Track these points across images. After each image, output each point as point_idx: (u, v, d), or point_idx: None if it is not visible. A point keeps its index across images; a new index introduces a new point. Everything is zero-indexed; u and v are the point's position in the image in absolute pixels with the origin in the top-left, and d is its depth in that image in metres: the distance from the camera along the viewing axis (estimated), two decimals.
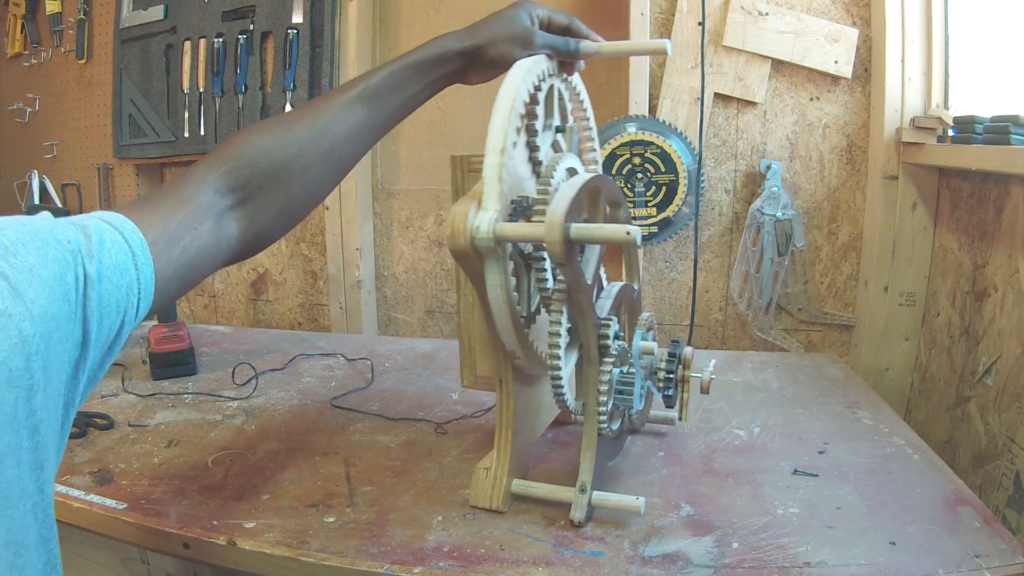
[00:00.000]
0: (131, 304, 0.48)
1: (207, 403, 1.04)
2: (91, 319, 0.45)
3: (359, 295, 1.50)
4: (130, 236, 0.49)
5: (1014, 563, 0.62)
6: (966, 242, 1.07)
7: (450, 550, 0.66)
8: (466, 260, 0.64)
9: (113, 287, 0.46)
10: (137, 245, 0.49)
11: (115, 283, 0.47)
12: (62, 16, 1.62)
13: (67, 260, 0.44)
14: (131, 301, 0.48)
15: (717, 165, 1.31)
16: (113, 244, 0.47)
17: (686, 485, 0.78)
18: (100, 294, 0.45)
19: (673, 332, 1.38)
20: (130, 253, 0.48)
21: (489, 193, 0.63)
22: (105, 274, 0.46)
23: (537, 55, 0.71)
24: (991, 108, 0.99)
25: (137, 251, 0.49)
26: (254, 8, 1.42)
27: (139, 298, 0.49)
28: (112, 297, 0.46)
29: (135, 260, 0.49)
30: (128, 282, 0.48)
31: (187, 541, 0.69)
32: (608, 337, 0.69)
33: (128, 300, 0.48)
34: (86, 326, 0.45)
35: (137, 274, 0.49)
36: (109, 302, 0.46)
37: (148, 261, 0.50)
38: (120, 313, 0.48)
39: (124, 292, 0.47)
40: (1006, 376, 0.92)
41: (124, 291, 0.47)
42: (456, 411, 1.00)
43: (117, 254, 0.47)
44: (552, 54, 0.72)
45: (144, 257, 0.49)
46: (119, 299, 0.47)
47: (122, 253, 0.48)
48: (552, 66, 0.73)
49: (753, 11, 1.22)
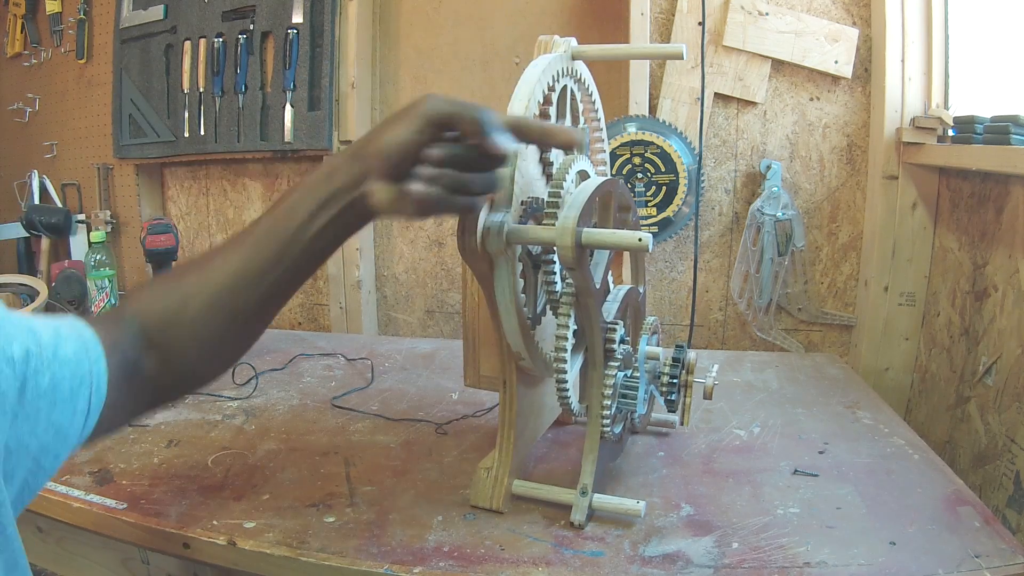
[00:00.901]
0: (83, 396, 0.49)
1: (207, 403, 1.04)
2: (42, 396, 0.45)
3: (359, 295, 1.50)
4: (83, 331, 0.50)
5: (1014, 563, 0.62)
6: (966, 242, 1.07)
7: (450, 550, 0.66)
8: (475, 261, 0.63)
9: (69, 374, 0.47)
10: (90, 340, 0.50)
11: (71, 371, 0.48)
12: (62, 16, 1.62)
13: (13, 333, 0.45)
14: (83, 393, 0.49)
15: (717, 165, 1.31)
16: (68, 336, 0.49)
17: (686, 485, 0.78)
18: (55, 378, 0.46)
19: (673, 332, 1.38)
20: (84, 346, 0.49)
21: (500, 194, 0.63)
22: (61, 360, 0.47)
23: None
24: (991, 108, 0.99)
25: (90, 345, 0.50)
26: (254, 8, 1.42)
27: (91, 392, 0.49)
28: (67, 384, 0.47)
29: (88, 354, 0.49)
30: (82, 373, 0.48)
31: (187, 541, 0.69)
32: (614, 341, 0.69)
33: (80, 391, 0.48)
34: (33, 403, 0.45)
35: (91, 367, 0.49)
36: (63, 388, 0.47)
37: (100, 356, 0.50)
38: (73, 402, 0.48)
39: (78, 382, 0.48)
40: (1006, 376, 0.92)
41: (78, 380, 0.48)
42: (456, 411, 1.00)
43: (73, 345, 0.49)
44: None
45: (96, 351, 0.50)
46: (73, 387, 0.48)
47: (77, 345, 0.49)
48: (567, 66, 0.73)
49: (753, 11, 1.22)
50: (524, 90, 0.66)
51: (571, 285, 0.66)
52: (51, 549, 0.87)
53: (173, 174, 1.65)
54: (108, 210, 1.65)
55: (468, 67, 1.43)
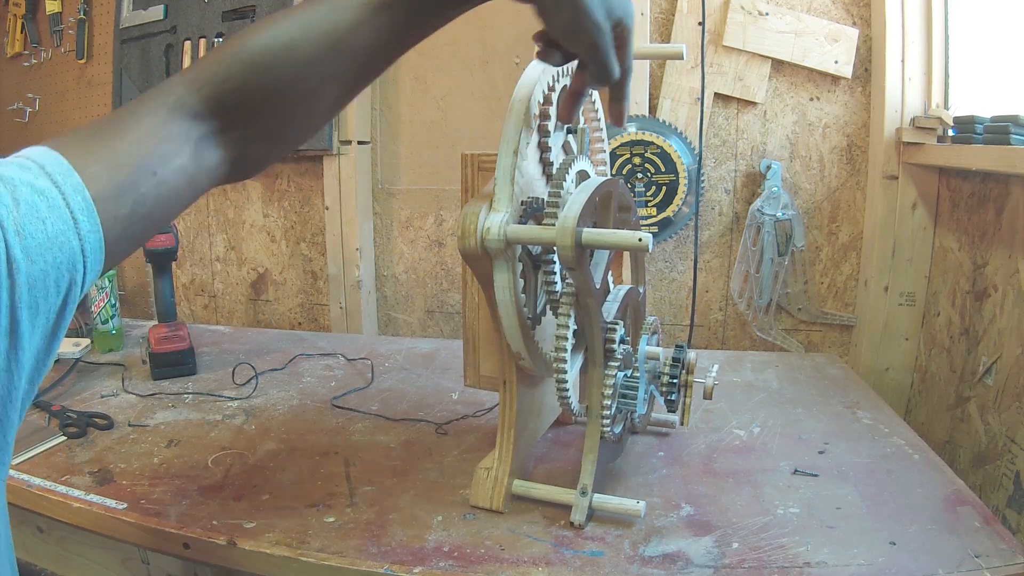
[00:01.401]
0: (75, 280, 0.41)
1: (207, 403, 1.04)
2: (20, 306, 0.38)
3: (359, 295, 1.50)
4: (72, 195, 0.41)
5: (1014, 563, 0.62)
6: (966, 242, 1.07)
7: (450, 550, 0.66)
8: (475, 261, 0.64)
9: (49, 266, 0.39)
10: (80, 208, 0.41)
11: (51, 260, 0.39)
12: (62, 16, 1.62)
13: None
14: (74, 277, 0.41)
15: (717, 165, 1.31)
16: (51, 210, 0.39)
17: (686, 485, 0.78)
18: (31, 276, 0.38)
19: (673, 332, 1.38)
20: (71, 220, 0.40)
21: (501, 194, 0.63)
22: (37, 252, 0.39)
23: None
24: (991, 108, 0.99)
25: (80, 216, 0.41)
26: (254, 8, 1.42)
27: (84, 271, 0.42)
28: (49, 277, 0.39)
29: (77, 228, 0.41)
30: (69, 256, 0.40)
31: (187, 541, 0.69)
32: (614, 341, 0.69)
33: (71, 276, 0.41)
34: (14, 314, 0.38)
35: (81, 244, 0.41)
36: (45, 283, 0.39)
37: (95, 226, 0.42)
38: (60, 292, 0.41)
39: (66, 268, 0.40)
40: (1006, 376, 0.92)
41: (66, 267, 0.40)
42: (456, 411, 1.00)
43: (54, 224, 0.39)
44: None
45: (90, 222, 0.41)
46: (58, 277, 0.40)
47: (60, 222, 0.40)
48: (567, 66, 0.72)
49: (753, 11, 1.22)
50: (524, 90, 0.66)
51: (571, 285, 0.66)
52: (51, 549, 0.87)
53: None
54: None
55: (468, 67, 1.42)
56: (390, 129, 1.50)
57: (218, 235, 1.62)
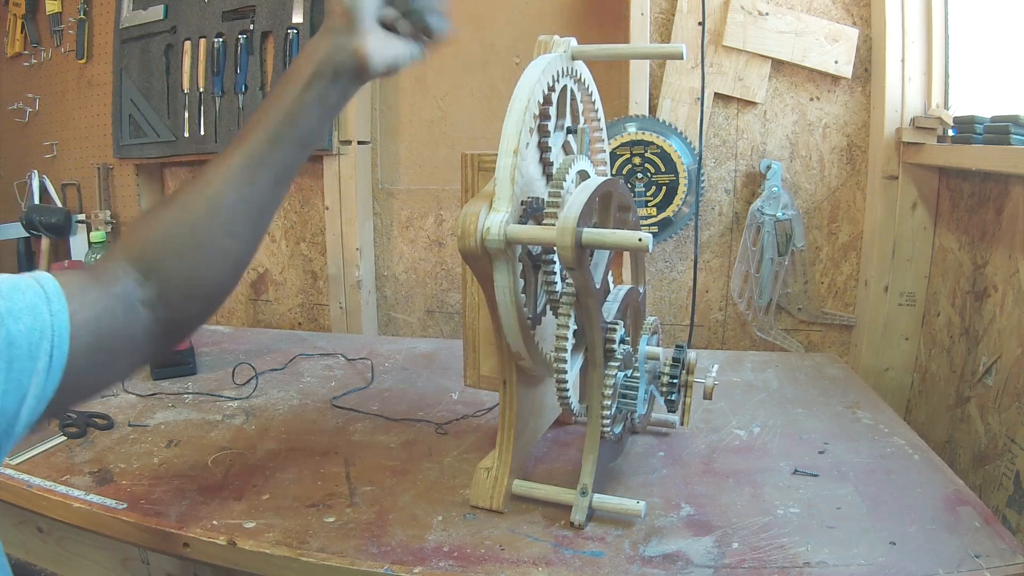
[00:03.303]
0: (44, 351, 0.45)
1: (207, 403, 1.04)
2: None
3: (359, 295, 1.50)
4: (46, 283, 0.47)
5: (1014, 563, 0.62)
6: (966, 242, 1.07)
7: (450, 550, 0.66)
8: (475, 261, 0.64)
9: (28, 328, 0.44)
10: (53, 291, 0.46)
11: (27, 324, 0.44)
12: (62, 16, 1.62)
13: None
14: (44, 347, 0.45)
15: (717, 165, 1.31)
16: (27, 287, 0.45)
17: (686, 485, 0.78)
18: (12, 334, 0.43)
19: (673, 332, 1.38)
20: (44, 297, 0.46)
21: (501, 194, 0.63)
22: (16, 314, 0.43)
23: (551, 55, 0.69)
24: (991, 108, 0.99)
25: (52, 296, 0.46)
26: (254, 8, 1.42)
27: (52, 347, 0.45)
28: (31, 338, 0.44)
29: (49, 306, 0.45)
30: (41, 326, 0.45)
31: (187, 541, 0.69)
32: (614, 341, 0.69)
33: (41, 345, 0.45)
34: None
35: (51, 320, 0.45)
36: (28, 343, 0.44)
37: (63, 307, 0.46)
38: (33, 358, 0.44)
39: (37, 336, 0.44)
40: (1006, 376, 0.92)
41: (37, 334, 0.44)
42: (456, 411, 1.00)
43: (31, 296, 0.45)
44: None
45: (59, 303, 0.46)
46: (31, 342, 0.44)
47: (36, 296, 0.45)
48: (567, 66, 0.73)
49: (753, 11, 1.22)
50: (524, 90, 0.66)
51: (571, 285, 0.66)
52: (51, 549, 0.87)
53: (173, 174, 1.65)
54: (108, 210, 1.65)
55: (468, 67, 1.42)
56: (390, 129, 1.50)
57: None
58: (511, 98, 0.65)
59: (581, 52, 0.75)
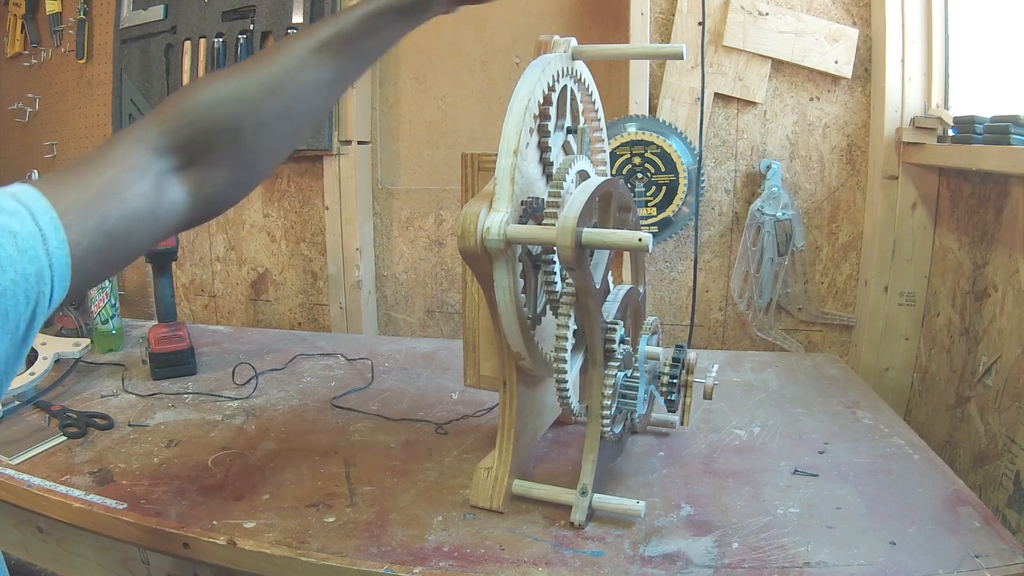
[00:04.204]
0: (43, 293, 0.44)
1: (207, 403, 1.04)
2: None
3: (359, 295, 1.50)
4: (41, 216, 0.44)
5: (1014, 563, 0.62)
6: (966, 242, 1.07)
7: (450, 550, 0.66)
8: (475, 261, 0.64)
9: (19, 276, 0.42)
10: (48, 226, 0.44)
11: (20, 271, 0.42)
12: (62, 16, 1.62)
13: None
14: (42, 289, 0.44)
15: (717, 165, 1.31)
16: (21, 228, 0.43)
17: (686, 485, 0.78)
18: (2, 285, 0.41)
19: (673, 332, 1.38)
20: (40, 236, 0.44)
21: (501, 194, 0.63)
22: (8, 262, 0.42)
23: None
24: (991, 108, 0.99)
25: (48, 233, 0.44)
26: (254, 8, 1.42)
27: (52, 284, 0.45)
28: (19, 288, 0.42)
29: (46, 244, 0.44)
30: (38, 269, 0.43)
31: (187, 541, 0.69)
32: (614, 341, 0.69)
33: (39, 288, 0.44)
34: None
35: (49, 259, 0.44)
36: (15, 292, 0.42)
37: (62, 243, 0.45)
38: (30, 303, 0.44)
39: (34, 280, 0.43)
40: (1006, 376, 0.92)
41: (34, 279, 0.43)
42: (456, 411, 1.00)
43: (24, 239, 0.43)
44: None
45: (56, 239, 0.45)
46: (27, 288, 0.43)
47: (30, 238, 0.43)
48: (567, 66, 0.73)
49: (753, 11, 1.22)
50: (524, 90, 0.66)
51: (571, 285, 0.66)
52: (51, 549, 0.87)
53: None
54: None
55: (468, 67, 1.42)
56: (390, 129, 1.50)
57: (218, 235, 1.62)
58: (511, 98, 0.65)
59: (581, 52, 0.75)
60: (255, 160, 0.57)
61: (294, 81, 0.56)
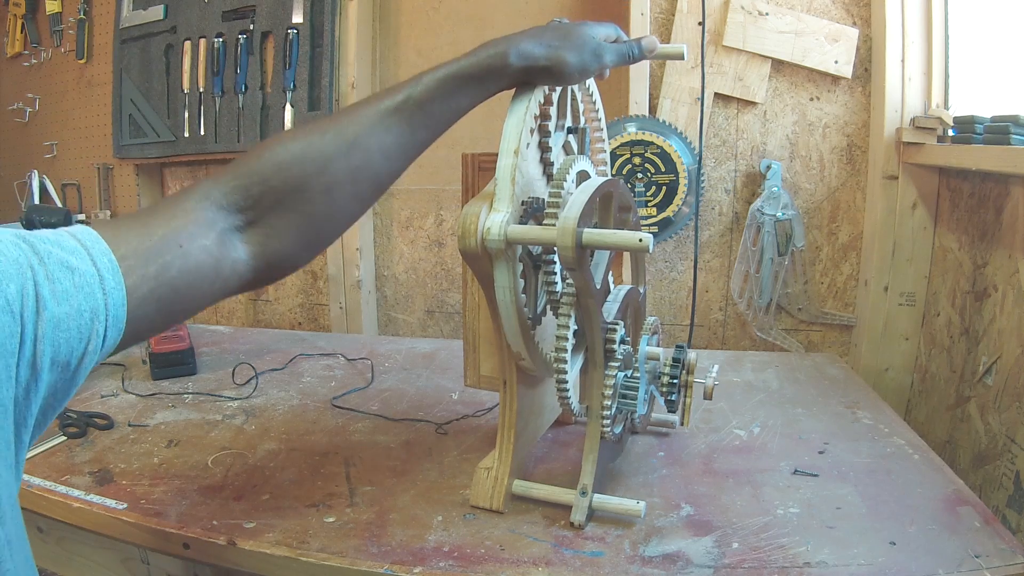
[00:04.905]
0: (96, 332, 0.44)
1: (207, 403, 1.04)
2: (43, 340, 0.41)
3: (359, 295, 1.50)
4: (99, 257, 0.45)
5: (1014, 563, 0.62)
6: (966, 242, 1.07)
7: (450, 550, 0.66)
8: (475, 261, 0.64)
9: (73, 310, 0.43)
10: (106, 267, 0.45)
11: (75, 306, 0.43)
12: (62, 16, 1.62)
13: (10, 272, 0.40)
14: (96, 328, 0.44)
15: (717, 165, 1.31)
16: (79, 265, 0.44)
17: (686, 485, 0.78)
18: (56, 316, 0.42)
19: (673, 332, 1.38)
20: (97, 276, 0.44)
21: (501, 195, 0.63)
22: (63, 295, 0.42)
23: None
24: (991, 108, 0.99)
25: (105, 273, 0.45)
26: (254, 8, 1.42)
27: (107, 324, 0.45)
28: (72, 322, 0.43)
29: (103, 284, 0.44)
30: (93, 307, 0.44)
31: (187, 541, 0.69)
32: (614, 341, 0.69)
33: (93, 326, 0.44)
34: (36, 347, 0.41)
35: (105, 299, 0.44)
36: (68, 326, 0.43)
37: (119, 284, 0.45)
38: (83, 340, 0.44)
39: (88, 317, 0.44)
40: (1006, 376, 0.92)
41: (88, 316, 0.44)
42: (456, 411, 1.00)
43: (81, 276, 0.44)
44: (618, 64, 0.70)
45: (114, 280, 0.45)
46: (81, 324, 0.43)
47: (88, 276, 0.44)
48: None
49: (753, 11, 1.22)
50: (524, 90, 0.66)
51: (571, 285, 0.66)
52: (51, 549, 0.87)
53: (173, 174, 1.65)
54: (108, 210, 1.65)
55: None
56: None
57: None
58: (511, 98, 0.65)
59: None
60: (320, 223, 0.57)
61: (363, 144, 0.57)
